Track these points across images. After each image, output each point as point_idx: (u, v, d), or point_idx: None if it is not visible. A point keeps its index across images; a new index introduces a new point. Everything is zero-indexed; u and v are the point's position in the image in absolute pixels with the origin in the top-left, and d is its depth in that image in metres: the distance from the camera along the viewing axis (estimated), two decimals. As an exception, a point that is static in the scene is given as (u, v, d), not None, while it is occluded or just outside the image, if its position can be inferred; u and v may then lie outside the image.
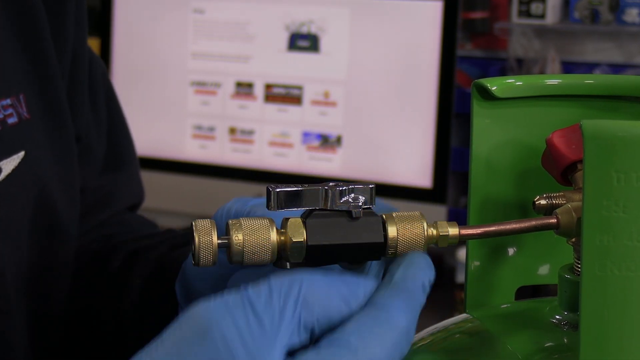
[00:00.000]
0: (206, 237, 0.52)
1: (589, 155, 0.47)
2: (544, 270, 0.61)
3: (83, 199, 0.88)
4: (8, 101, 0.76)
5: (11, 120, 0.76)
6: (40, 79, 0.80)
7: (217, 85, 2.10)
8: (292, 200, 0.53)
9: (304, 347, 0.49)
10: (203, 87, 2.11)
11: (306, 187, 0.53)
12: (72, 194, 0.83)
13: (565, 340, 0.54)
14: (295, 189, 0.53)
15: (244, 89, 2.08)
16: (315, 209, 0.53)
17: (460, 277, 1.89)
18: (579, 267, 0.54)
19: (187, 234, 0.87)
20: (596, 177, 0.47)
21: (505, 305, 0.60)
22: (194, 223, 0.52)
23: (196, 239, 0.52)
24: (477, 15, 2.13)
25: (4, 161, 0.75)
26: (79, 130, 0.86)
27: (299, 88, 2.04)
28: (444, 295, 1.97)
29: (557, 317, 0.55)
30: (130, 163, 0.96)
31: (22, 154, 0.76)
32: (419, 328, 0.60)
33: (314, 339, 0.49)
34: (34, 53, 0.79)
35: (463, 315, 0.60)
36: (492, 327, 0.57)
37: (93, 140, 0.91)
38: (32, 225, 0.78)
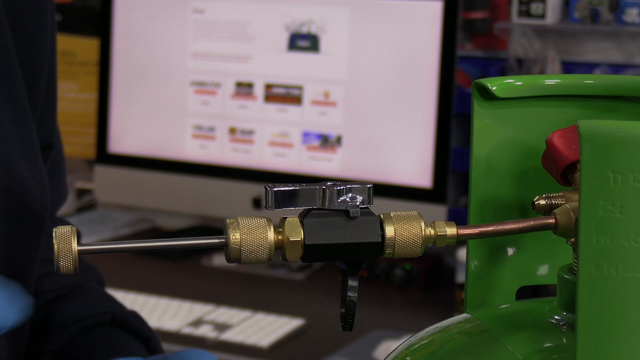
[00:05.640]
0: (65, 244, 0.52)
1: (585, 155, 0.47)
2: (543, 270, 0.61)
3: None
4: None
5: None
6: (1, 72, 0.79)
7: (217, 85, 2.10)
8: (289, 199, 0.53)
9: None
10: (203, 87, 2.11)
11: (303, 186, 0.53)
12: (39, 178, 0.82)
13: (564, 341, 0.54)
14: (293, 188, 0.53)
15: (244, 89, 2.08)
16: (313, 209, 0.53)
17: (460, 277, 1.89)
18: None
19: (105, 313, 0.88)
20: (593, 178, 0.47)
21: (505, 305, 0.60)
22: (54, 230, 0.52)
23: (55, 247, 0.52)
24: (477, 15, 2.13)
25: None
26: (52, 138, 0.86)
27: (299, 88, 2.04)
28: (444, 295, 1.97)
29: (557, 317, 0.55)
30: (62, 161, 0.94)
31: None
32: (419, 328, 0.60)
33: None
34: None
35: (463, 315, 0.60)
36: (492, 327, 0.57)
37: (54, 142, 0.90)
38: (2, 212, 0.78)
